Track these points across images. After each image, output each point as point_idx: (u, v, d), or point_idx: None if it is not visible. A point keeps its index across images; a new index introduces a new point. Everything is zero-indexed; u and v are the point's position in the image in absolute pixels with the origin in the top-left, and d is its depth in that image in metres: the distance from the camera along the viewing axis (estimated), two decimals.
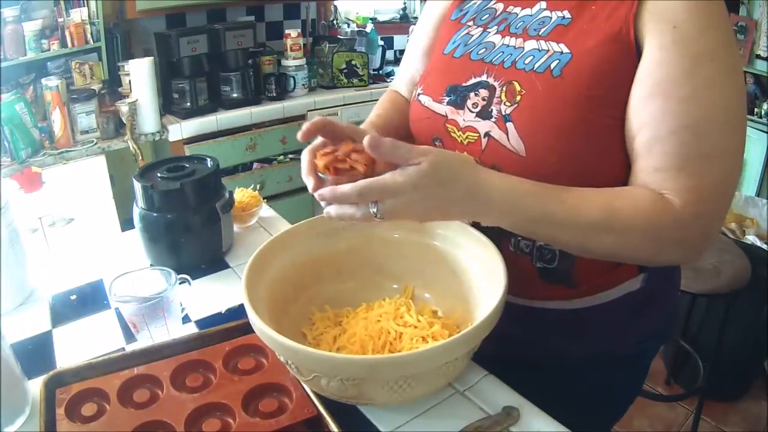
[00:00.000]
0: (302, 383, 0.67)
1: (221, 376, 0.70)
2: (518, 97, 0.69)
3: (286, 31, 2.57)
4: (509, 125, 0.69)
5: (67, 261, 1.07)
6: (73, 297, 0.95)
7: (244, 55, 2.44)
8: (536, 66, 0.69)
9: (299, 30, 2.60)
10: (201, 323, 0.87)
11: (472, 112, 0.74)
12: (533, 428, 0.66)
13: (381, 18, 3.42)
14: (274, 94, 2.52)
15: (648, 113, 0.63)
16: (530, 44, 0.72)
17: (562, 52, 0.68)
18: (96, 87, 2.19)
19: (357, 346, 0.71)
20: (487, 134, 0.72)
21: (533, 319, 0.79)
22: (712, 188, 0.63)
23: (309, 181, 0.66)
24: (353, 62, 2.70)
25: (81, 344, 0.83)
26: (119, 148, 2.15)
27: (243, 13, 2.74)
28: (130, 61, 2.16)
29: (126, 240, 1.11)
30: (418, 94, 0.82)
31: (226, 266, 1.03)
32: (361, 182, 0.59)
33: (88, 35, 2.18)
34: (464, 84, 0.76)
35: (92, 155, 2.09)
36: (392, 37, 3.38)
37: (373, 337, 0.71)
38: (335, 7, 3.15)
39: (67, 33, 2.12)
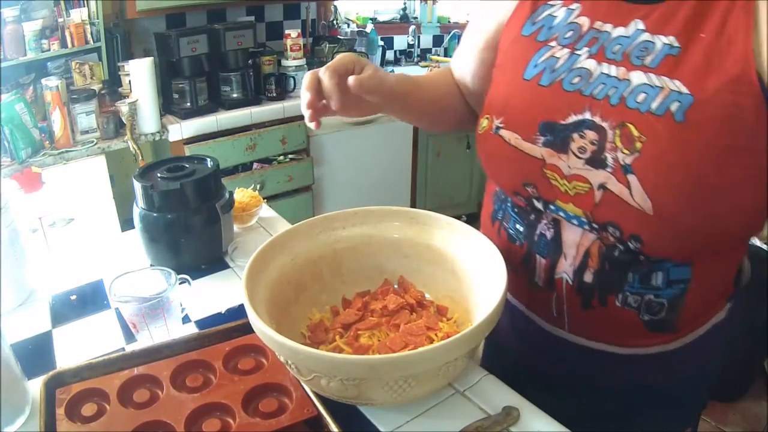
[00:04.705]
0: (302, 383, 0.67)
1: (221, 376, 0.70)
2: (638, 144, 0.60)
3: (286, 31, 2.57)
4: (631, 178, 0.60)
5: (67, 261, 1.07)
6: (73, 297, 0.95)
7: (244, 55, 2.44)
8: (653, 107, 0.59)
9: (299, 30, 2.61)
10: (201, 323, 0.87)
11: (580, 158, 0.64)
12: (533, 428, 0.66)
13: (381, 18, 3.43)
14: (274, 95, 2.52)
15: None
16: (637, 77, 0.61)
17: (680, 92, 0.58)
18: (96, 87, 2.19)
19: (356, 347, 0.71)
20: (602, 186, 0.63)
21: (629, 364, 0.75)
22: None
23: (305, 97, 0.71)
24: None
25: (81, 344, 0.83)
26: (119, 148, 2.16)
27: (243, 13, 2.74)
28: (130, 61, 2.17)
29: (126, 240, 1.11)
30: (497, 128, 0.71)
31: (226, 266, 1.03)
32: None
33: (88, 35, 2.18)
34: (563, 122, 0.65)
35: (92, 155, 2.09)
36: (392, 37, 3.38)
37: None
38: (335, 7, 3.15)
39: (67, 33, 2.12)
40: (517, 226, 0.76)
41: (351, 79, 0.70)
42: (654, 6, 0.62)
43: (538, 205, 0.71)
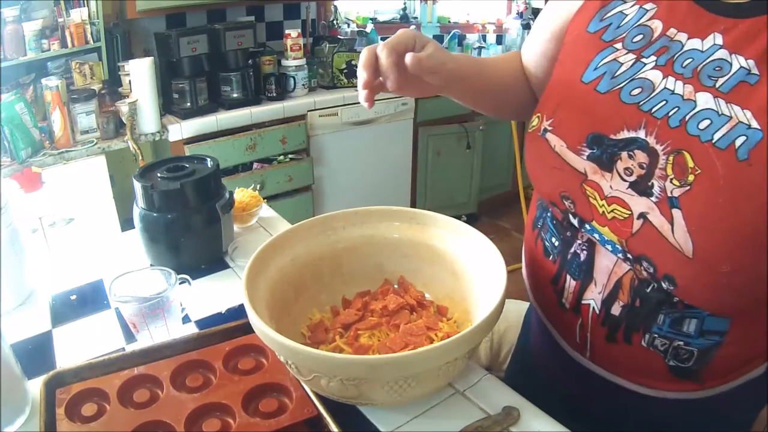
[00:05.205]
0: (302, 383, 0.67)
1: (221, 376, 0.70)
2: (691, 177, 0.53)
3: (286, 31, 2.57)
4: (676, 213, 0.54)
5: (67, 261, 1.07)
6: (73, 297, 0.95)
7: (244, 55, 2.44)
8: (716, 137, 0.53)
9: (299, 30, 2.61)
10: (201, 323, 0.87)
11: (625, 180, 0.59)
12: (533, 428, 0.66)
13: (381, 18, 3.43)
14: (274, 94, 2.52)
15: None
16: (704, 99, 0.55)
17: (749, 126, 0.51)
18: (96, 87, 2.19)
19: (356, 347, 0.71)
20: (642, 216, 0.57)
21: (648, 404, 0.71)
22: None
23: (362, 77, 0.65)
24: (353, 62, 2.70)
25: (81, 344, 0.83)
26: (119, 148, 2.16)
27: (243, 13, 2.75)
28: (130, 61, 2.16)
29: (126, 240, 1.11)
30: (545, 131, 0.67)
31: (226, 266, 1.03)
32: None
33: (88, 35, 2.18)
34: (613, 137, 0.60)
35: (92, 155, 2.09)
36: None
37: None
38: (335, 7, 3.15)
39: (67, 33, 2.12)
40: (553, 239, 0.72)
41: (409, 58, 0.63)
42: (738, 20, 0.55)
43: (574, 221, 0.66)
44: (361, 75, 0.66)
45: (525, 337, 0.93)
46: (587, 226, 0.64)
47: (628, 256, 0.61)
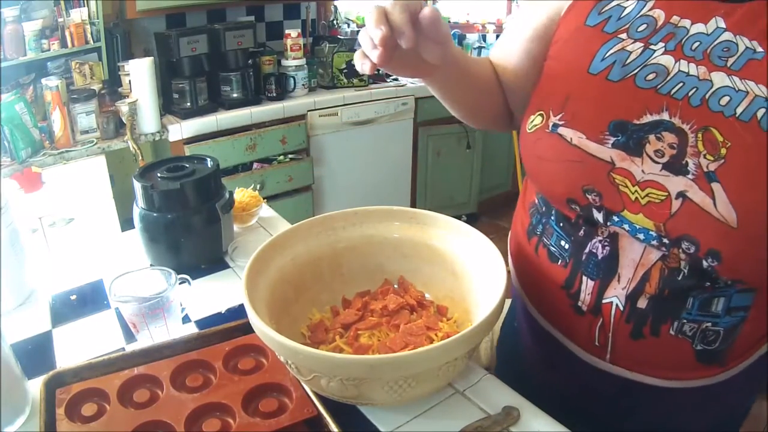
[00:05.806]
0: (302, 383, 0.67)
1: (221, 376, 0.70)
2: (723, 150, 0.56)
3: (286, 31, 2.57)
4: (715, 186, 0.56)
5: (67, 261, 1.07)
6: (73, 297, 0.95)
7: (244, 55, 2.45)
8: (738, 111, 0.55)
9: (299, 30, 2.61)
10: (201, 323, 0.87)
11: (657, 162, 0.59)
12: (533, 428, 0.66)
13: None
14: (274, 94, 2.52)
15: None
16: (720, 78, 0.57)
17: (766, 98, 0.55)
18: (96, 87, 2.19)
19: (356, 347, 0.71)
20: (681, 195, 0.58)
21: (667, 398, 0.70)
22: None
23: (378, 32, 0.57)
24: (353, 62, 2.69)
25: (81, 344, 0.83)
26: (119, 148, 2.16)
27: (243, 13, 2.75)
28: (130, 61, 2.17)
29: (126, 240, 1.11)
30: (555, 126, 0.65)
31: (226, 266, 1.03)
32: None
33: (88, 35, 2.18)
34: (637, 122, 0.60)
35: (92, 155, 2.09)
36: None
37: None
38: (335, 7, 3.15)
39: (67, 33, 2.12)
40: (562, 242, 0.69)
41: (428, 9, 0.59)
42: (736, 5, 0.58)
43: (598, 216, 0.64)
44: (377, 32, 0.58)
45: (511, 339, 0.90)
46: (615, 217, 0.63)
47: (664, 240, 0.60)
